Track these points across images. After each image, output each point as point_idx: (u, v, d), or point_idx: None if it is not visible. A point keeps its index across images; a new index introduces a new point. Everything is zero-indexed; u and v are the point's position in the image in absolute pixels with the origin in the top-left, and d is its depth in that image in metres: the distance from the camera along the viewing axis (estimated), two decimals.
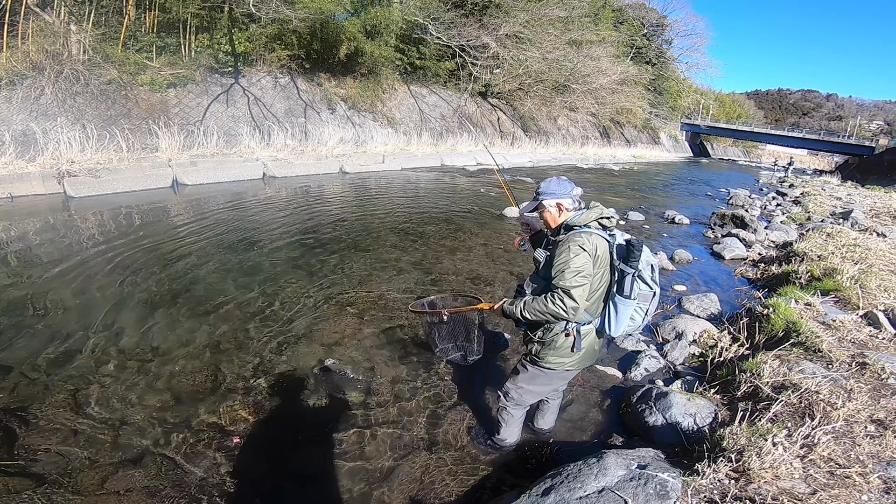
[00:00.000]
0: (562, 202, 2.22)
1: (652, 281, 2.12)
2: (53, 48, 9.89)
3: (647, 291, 2.12)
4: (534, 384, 2.42)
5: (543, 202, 2.26)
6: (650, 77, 39.12)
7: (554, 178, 2.30)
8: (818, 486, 2.01)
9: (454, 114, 21.14)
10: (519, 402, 2.51)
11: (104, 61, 10.86)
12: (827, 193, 17.63)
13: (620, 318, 2.12)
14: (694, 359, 3.86)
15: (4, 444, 2.41)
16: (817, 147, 49.74)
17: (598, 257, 2.08)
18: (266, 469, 2.46)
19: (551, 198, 2.23)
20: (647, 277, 2.10)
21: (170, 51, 12.59)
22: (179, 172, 9.47)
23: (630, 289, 2.06)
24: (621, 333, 2.19)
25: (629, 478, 2.02)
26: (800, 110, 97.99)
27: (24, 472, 2.26)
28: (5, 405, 2.69)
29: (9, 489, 2.14)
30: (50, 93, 9.62)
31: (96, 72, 10.62)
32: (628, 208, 10.91)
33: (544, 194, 2.25)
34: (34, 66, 9.61)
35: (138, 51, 11.95)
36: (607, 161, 26.52)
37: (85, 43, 10.54)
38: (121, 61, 11.18)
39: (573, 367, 2.27)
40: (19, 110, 9.10)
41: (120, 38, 11.53)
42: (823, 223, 10.03)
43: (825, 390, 2.77)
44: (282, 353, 3.53)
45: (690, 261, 7.06)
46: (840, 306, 4.51)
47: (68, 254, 5.18)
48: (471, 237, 7.26)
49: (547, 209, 2.26)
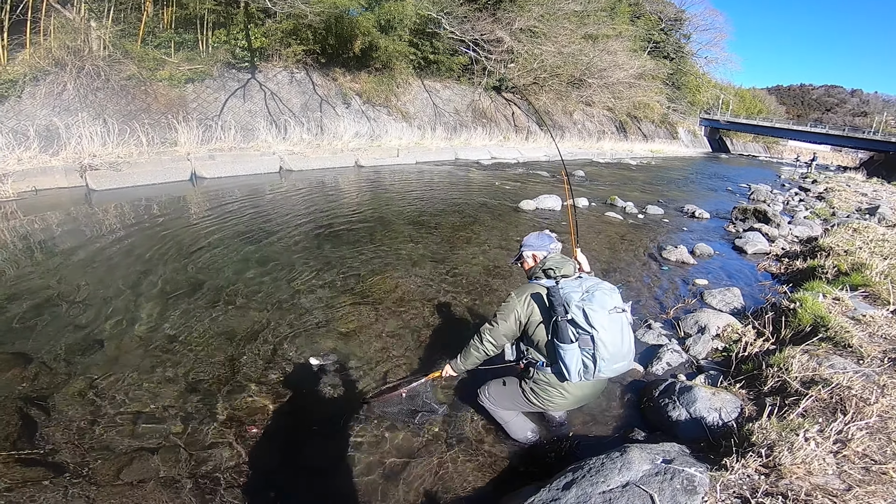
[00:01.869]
0: (536, 254, 2.54)
1: (588, 324, 2.12)
2: (74, 44, 10.03)
3: (585, 335, 2.15)
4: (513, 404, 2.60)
5: (523, 253, 2.60)
6: (668, 72, 38.41)
7: (535, 234, 2.65)
8: (853, 482, 1.92)
9: (468, 108, 21.02)
10: (498, 407, 2.65)
11: (124, 57, 10.99)
12: (852, 189, 17.17)
13: (568, 362, 2.18)
14: (717, 353, 3.75)
15: (25, 435, 2.43)
16: (841, 143, 48.31)
17: (529, 306, 2.34)
18: (280, 461, 2.45)
19: (529, 249, 2.57)
20: (580, 321, 2.13)
21: (187, 46, 12.71)
22: (198, 166, 9.57)
23: (563, 333, 2.16)
24: (577, 378, 2.21)
25: (654, 472, 1.95)
26: (823, 106, 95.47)
27: (44, 462, 2.28)
28: (27, 395, 2.72)
29: (29, 480, 2.16)
30: (72, 88, 9.76)
31: (116, 67, 10.75)
32: (647, 202, 10.72)
33: (525, 247, 2.60)
34: (56, 62, 9.75)
35: (157, 47, 12.08)
36: (624, 156, 26.12)
37: (105, 39, 10.67)
38: (140, 57, 11.30)
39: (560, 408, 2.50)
40: (42, 105, 9.26)
41: (139, 34, 11.65)
42: (849, 219, 9.72)
43: (857, 385, 2.66)
44: (298, 343, 3.53)
45: (712, 255, 6.92)
46: (869, 302, 4.36)
47: (89, 244, 5.25)
48: (486, 229, 7.21)
49: (525, 259, 2.60)
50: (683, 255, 6.54)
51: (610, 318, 2.14)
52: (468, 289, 4.84)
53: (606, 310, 2.14)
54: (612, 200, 10.63)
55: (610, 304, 2.16)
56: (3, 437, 2.39)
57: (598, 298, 2.16)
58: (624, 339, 2.20)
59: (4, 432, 2.42)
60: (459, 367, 2.60)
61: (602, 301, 2.15)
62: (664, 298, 5.07)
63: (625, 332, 2.22)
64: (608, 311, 2.14)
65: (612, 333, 2.14)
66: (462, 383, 3.19)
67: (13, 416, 2.53)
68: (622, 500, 1.82)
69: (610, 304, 2.16)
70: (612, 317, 2.15)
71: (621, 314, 2.20)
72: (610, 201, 10.61)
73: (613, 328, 2.15)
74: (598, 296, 2.17)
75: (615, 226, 8.56)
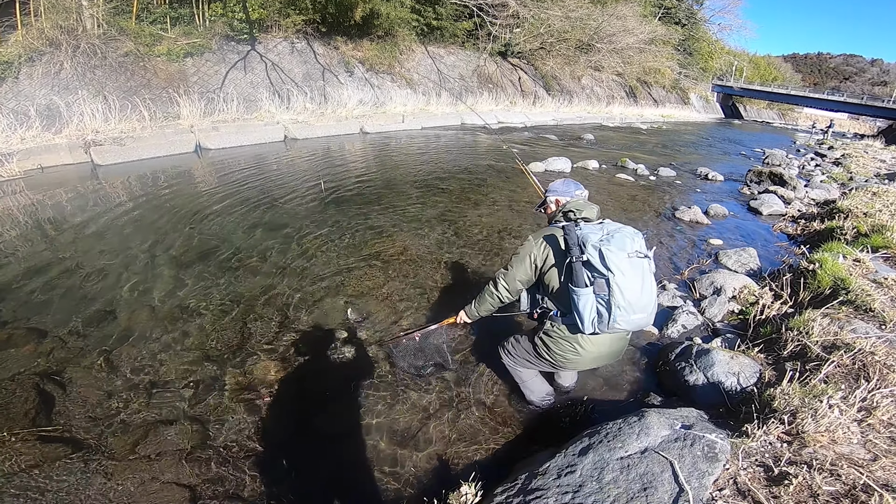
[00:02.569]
0: (560, 199, 2.43)
1: (603, 266, 1.94)
2: (68, 24, 9.88)
3: (600, 279, 1.96)
4: (529, 362, 2.49)
5: (548, 198, 2.50)
6: (680, 38, 37.27)
7: (561, 180, 2.52)
8: (879, 452, 1.86)
9: (473, 74, 20.55)
10: (516, 363, 2.55)
11: (119, 34, 10.84)
12: (870, 156, 16.70)
13: (582, 309, 2.02)
14: (733, 316, 3.68)
15: (43, 411, 2.44)
16: (859, 111, 46.71)
17: (546, 248, 2.21)
18: (293, 428, 2.45)
19: (553, 195, 2.47)
20: (595, 263, 1.96)
21: (184, 21, 12.47)
22: (202, 138, 9.51)
23: (577, 276, 2.01)
24: (591, 329, 2.05)
25: (674, 438, 1.91)
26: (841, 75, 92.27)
27: (62, 438, 2.29)
28: (43, 370, 2.73)
29: (49, 457, 2.17)
30: (69, 67, 9.66)
31: (112, 45, 10.61)
32: (658, 165, 10.53)
33: (550, 192, 2.50)
34: (51, 42, 9.62)
35: (152, 23, 11.89)
36: (634, 120, 25.60)
37: (98, 17, 10.50)
38: (136, 34, 11.15)
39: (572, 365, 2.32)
40: (41, 85, 9.16)
41: (133, 11, 11.45)
42: (868, 183, 9.46)
43: (881, 352, 2.57)
44: (308, 308, 3.53)
45: (726, 215, 6.80)
46: (891, 264, 4.25)
47: (99, 218, 5.24)
48: (494, 191, 7.15)
49: (549, 205, 2.50)
50: (697, 215, 6.42)
51: (630, 263, 1.95)
52: (478, 249, 4.82)
53: (626, 252, 1.96)
54: (623, 162, 10.44)
55: (630, 248, 1.98)
56: (22, 414, 2.40)
57: (617, 240, 1.99)
58: (644, 288, 2.00)
59: (23, 409, 2.43)
60: (473, 312, 2.53)
61: (622, 243, 1.98)
62: (678, 259, 5.01)
63: (646, 280, 2.02)
64: (627, 254, 1.96)
65: (630, 279, 1.95)
66: (478, 342, 3.18)
67: (31, 392, 2.54)
68: (641, 466, 1.78)
69: (630, 248, 1.98)
70: (631, 261, 1.96)
71: (643, 259, 2.01)
72: (621, 163, 10.43)
73: (633, 273, 1.96)
74: (618, 237, 2.00)
75: (626, 187, 8.43)
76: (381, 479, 2.19)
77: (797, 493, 1.66)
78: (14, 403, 2.47)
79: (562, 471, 1.85)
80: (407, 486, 2.16)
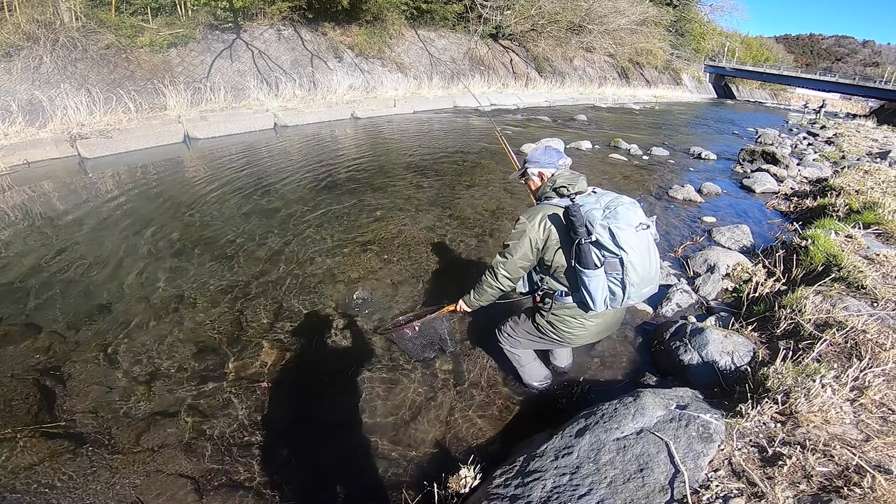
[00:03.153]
0: (544, 171, 2.23)
1: (615, 245, 1.87)
2: (44, 18, 9.66)
3: (612, 258, 1.90)
4: (529, 342, 2.43)
5: (528, 170, 2.28)
6: (671, 19, 36.93)
7: (541, 147, 2.30)
8: (871, 433, 1.88)
9: (465, 56, 20.33)
10: (516, 346, 2.50)
11: (99, 27, 10.62)
12: (862, 135, 16.75)
13: (593, 290, 1.96)
14: (727, 294, 3.71)
15: (45, 407, 2.44)
16: (851, 91, 46.86)
17: (546, 229, 2.06)
18: (294, 416, 2.47)
19: (535, 166, 2.25)
20: (606, 242, 1.88)
21: (165, 11, 12.23)
22: (190, 127, 9.38)
23: (586, 258, 1.91)
24: (603, 307, 2.02)
25: (669, 418, 1.93)
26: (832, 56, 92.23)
27: (65, 433, 2.29)
28: (43, 366, 2.72)
29: (54, 453, 2.18)
30: (49, 61, 9.46)
31: (93, 38, 10.40)
32: (651, 145, 10.52)
33: (530, 162, 2.28)
34: (28, 36, 9.39)
35: (132, 14, 11.66)
36: (627, 101, 25.52)
37: (76, 10, 10.26)
38: (116, 25, 10.93)
39: (579, 340, 2.27)
40: (21, 80, 8.96)
41: (112, 2, 11.21)
42: (860, 161, 9.51)
43: (872, 330, 2.60)
44: (303, 294, 3.54)
45: (719, 193, 6.84)
46: (882, 240, 4.28)
47: (89, 211, 5.18)
48: (488, 173, 7.18)
49: (531, 177, 2.29)
50: (690, 193, 6.45)
51: (637, 237, 1.90)
52: (473, 230, 4.85)
53: (633, 227, 1.89)
54: (616, 143, 10.43)
55: (635, 221, 1.91)
56: (24, 411, 2.40)
57: (622, 215, 1.90)
58: (652, 260, 1.97)
59: (25, 406, 2.43)
60: (474, 303, 2.39)
61: (627, 217, 1.90)
62: (671, 237, 5.05)
63: (652, 251, 1.98)
64: (635, 229, 1.89)
65: (640, 254, 1.90)
66: (474, 326, 3.19)
67: (31, 388, 2.54)
68: (637, 447, 1.80)
69: (635, 221, 1.91)
70: (639, 235, 1.91)
71: (647, 230, 1.96)
72: (614, 143, 10.44)
73: (641, 248, 1.91)
74: (622, 212, 1.91)
75: (619, 167, 8.46)
76: (382, 464, 2.21)
77: (791, 473, 1.67)
78: (16, 400, 2.46)
79: (559, 452, 1.87)
80: (407, 470, 2.18)
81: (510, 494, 1.73)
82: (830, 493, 1.57)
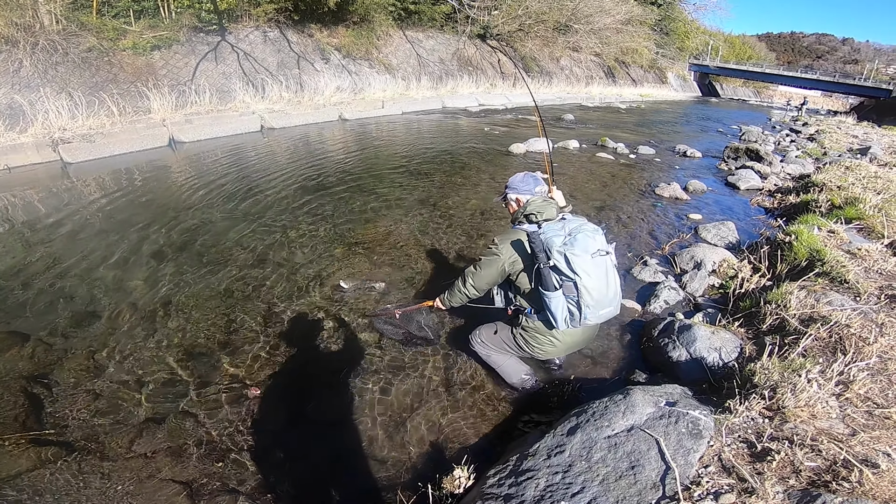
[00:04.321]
0: (520, 197, 2.44)
1: (570, 270, 2.05)
2: (23, 21, 9.46)
3: (568, 282, 2.09)
4: (506, 348, 2.58)
5: (508, 195, 2.52)
6: (656, 18, 37.50)
7: (520, 175, 2.51)
8: (858, 427, 1.91)
9: (453, 57, 20.37)
10: (490, 351, 2.64)
11: (80, 30, 10.45)
12: (843, 132, 17.05)
13: (554, 310, 2.16)
14: (714, 290, 3.76)
15: (33, 414, 2.40)
16: (832, 89, 48.11)
17: (513, 253, 2.29)
18: (285, 418, 2.45)
19: (513, 192, 2.48)
20: (563, 268, 2.06)
21: (148, 14, 12.08)
22: (175, 131, 9.27)
23: (546, 281, 2.12)
24: (565, 326, 2.21)
25: (658, 416, 1.95)
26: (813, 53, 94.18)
27: (55, 441, 2.25)
28: (29, 373, 2.67)
29: (43, 460, 2.14)
30: (29, 65, 9.29)
31: (74, 41, 10.22)
32: (638, 143, 10.64)
33: (509, 188, 2.52)
34: (6, 40, 9.21)
35: (115, 17, 11.49)
36: (613, 100, 25.79)
37: (56, 13, 10.08)
38: (98, 28, 10.74)
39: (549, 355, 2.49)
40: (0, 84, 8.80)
41: (93, 5, 11.03)
42: (841, 158, 9.69)
43: (856, 324, 2.64)
44: (293, 297, 3.52)
45: (705, 191, 6.94)
46: (864, 235, 4.37)
47: (73, 216, 5.10)
48: (477, 173, 7.20)
49: (510, 202, 2.53)
50: (676, 191, 6.53)
51: (593, 263, 2.07)
52: (462, 231, 4.86)
53: (589, 253, 2.07)
54: (603, 142, 10.51)
55: (593, 248, 2.09)
56: (11, 418, 2.35)
57: (580, 242, 2.08)
58: (609, 284, 2.15)
59: (12, 413, 2.38)
60: (447, 302, 2.65)
61: (585, 245, 2.08)
62: (659, 234, 5.10)
63: (610, 275, 2.15)
64: (591, 255, 2.07)
65: (595, 279, 2.08)
66: (463, 327, 3.20)
67: (18, 396, 2.50)
68: (628, 444, 1.82)
69: (593, 248, 2.09)
70: (595, 261, 2.08)
71: (605, 257, 2.13)
72: (601, 142, 10.51)
73: (597, 273, 2.09)
74: (581, 239, 2.09)
75: (607, 165, 8.53)
76: (375, 465, 2.21)
77: (780, 468, 1.69)
78: (2, 407, 2.42)
79: (551, 451, 1.89)
80: (401, 471, 2.18)
81: (504, 494, 1.74)
82: (819, 487, 1.59)
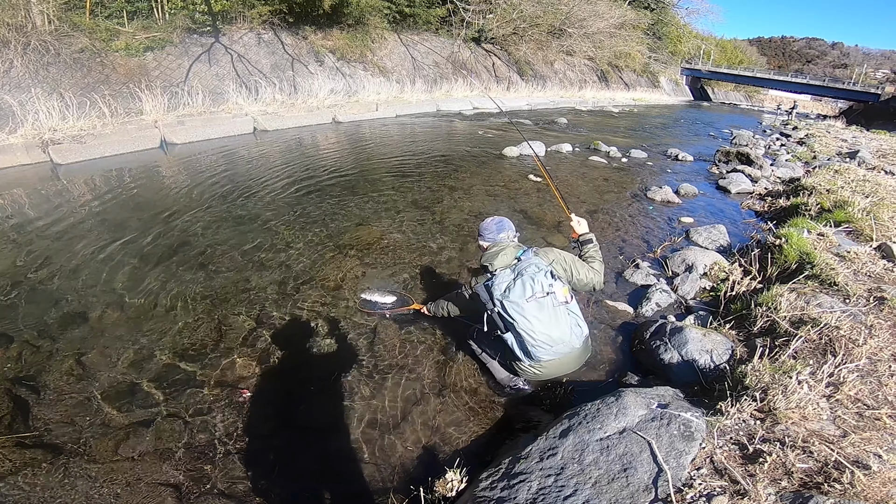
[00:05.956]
0: (483, 244, 2.61)
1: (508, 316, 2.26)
2: (15, 21, 9.36)
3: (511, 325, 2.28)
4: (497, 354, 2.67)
5: (479, 239, 2.69)
6: (649, 22, 37.81)
7: (488, 220, 2.64)
8: (848, 428, 1.92)
9: (447, 60, 20.41)
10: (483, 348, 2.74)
11: (72, 30, 10.35)
12: (832, 136, 17.24)
13: (512, 347, 2.34)
14: (705, 293, 3.78)
15: (19, 416, 2.36)
16: (821, 93, 48.71)
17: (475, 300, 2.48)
18: (276, 422, 2.43)
19: (481, 239, 2.65)
20: (502, 313, 2.28)
21: (142, 15, 11.99)
22: (167, 132, 9.20)
23: (495, 324, 2.36)
24: (529, 360, 2.36)
25: (650, 418, 1.96)
26: (804, 57, 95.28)
27: (41, 443, 2.22)
28: (14, 375, 2.63)
29: (28, 462, 2.11)
30: (20, 65, 9.20)
31: (66, 41, 10.12)
32: (630, 147, 10.71)
33: (479, 233, 2.68)
34: None
35: (107, 17, 11.39)
36: (606, 104, 25.87)
37: (48, 14, 9.99)
38: (90, 29, 10.65)
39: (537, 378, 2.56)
40: None
41: (86, 5, 10.94)
42: (830, 161, 9.80)
43: (846, 326, 2.67)
44: (284, 300, 3.49)
45: (696, 194, 6.99)
46: (853, 238, 4.42)
47: (61, 217, 5.03)
48: (470, 176, 7.19)
49: (480, 244, 2.68)
50: (668, 194, 6.58)
51: (537, 305, 2.21)
52: (455, 234, 4.85)
53: (525, 297, 2.20)
54: (596, 145, 10.57)
55: (528, 292, 2.21)
56: None
57: (517, 288, 2.22)
58: (558, 324, 2.24)
59: None
60: (432, 311, 2.98)
61: (521, 290, 2.21)
62: (650, 237, 5.13)
63: (559, 315, 2.25)
64: (527, 300, 2.20)
65: (536, 321, 2.21)
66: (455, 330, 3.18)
67: (3, 397, 2.46)
68: (620, 446, 1.83)
69: (528, 292, 2.21)
70: (534, 304, 2.20)
71: (544, 298, 2.22)
72: (594, 146, 10.57)
73: (540, 315, 2.21)
74: (518, 286, 2.23)
75: (599, 169, 8.56)
76: (367, 469, 2.19)
77: (772, 470, 1.69)
78: None
79: (544, 454, 1.88)
80: (393, 475, 2.17)
81: (496, 497, 1.73)
82: (811, 489, 1.59)
